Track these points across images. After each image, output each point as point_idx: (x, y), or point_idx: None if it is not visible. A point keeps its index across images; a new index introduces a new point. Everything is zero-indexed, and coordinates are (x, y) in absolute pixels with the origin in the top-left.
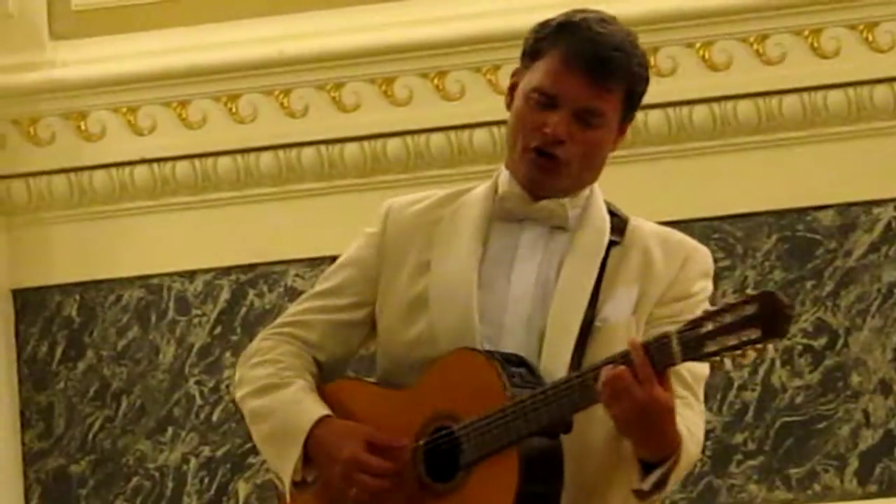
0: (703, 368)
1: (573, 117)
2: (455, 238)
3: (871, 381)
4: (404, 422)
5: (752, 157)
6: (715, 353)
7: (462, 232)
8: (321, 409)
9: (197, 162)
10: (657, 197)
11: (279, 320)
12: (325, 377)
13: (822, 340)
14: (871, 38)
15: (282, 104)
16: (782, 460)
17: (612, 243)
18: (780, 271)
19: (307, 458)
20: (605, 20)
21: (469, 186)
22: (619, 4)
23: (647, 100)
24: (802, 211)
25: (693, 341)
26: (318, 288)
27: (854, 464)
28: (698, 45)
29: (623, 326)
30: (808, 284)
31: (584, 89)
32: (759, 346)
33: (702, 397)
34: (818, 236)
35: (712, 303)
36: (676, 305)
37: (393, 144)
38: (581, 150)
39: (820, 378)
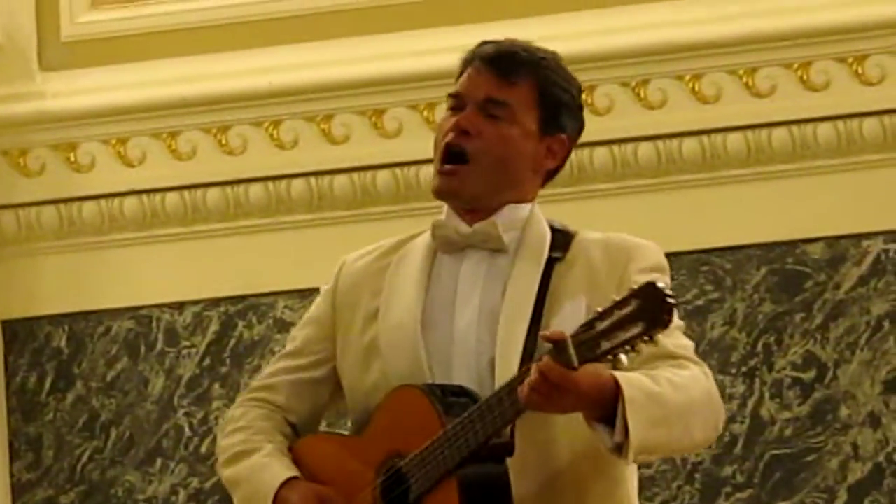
0: (684, 340)
1: (479, 111)
2: (400, 281)
3: (861, 413)
4: (362, 466)
5: (742, 189)
6: (608, 352)
7: (407, 274)
8: (285, 472)
9: (186, 193)
10: (646, 229)
11: (253, 384)
12: (300, 435)
13: (812, 373)
14: (860, 70)
15: (271, 136)
16: (771, 493)
17: (554, 260)
18: (769, 304)
19: None
20: (518, 40)
21: (418, 232)
22: (607, 38)
23: (637, 132)
24: (792, 244)
25: (587, 342)
26: (285, 349)
27: (843, 497)
28: (688, 77)
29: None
30: (798, 317)
31: (487, 81)
32: (646, 339)
33: (695, 359)
34: (807, 269)
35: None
36: None
37: (382, 176)
38: (489, 146)
39: (809, 411)
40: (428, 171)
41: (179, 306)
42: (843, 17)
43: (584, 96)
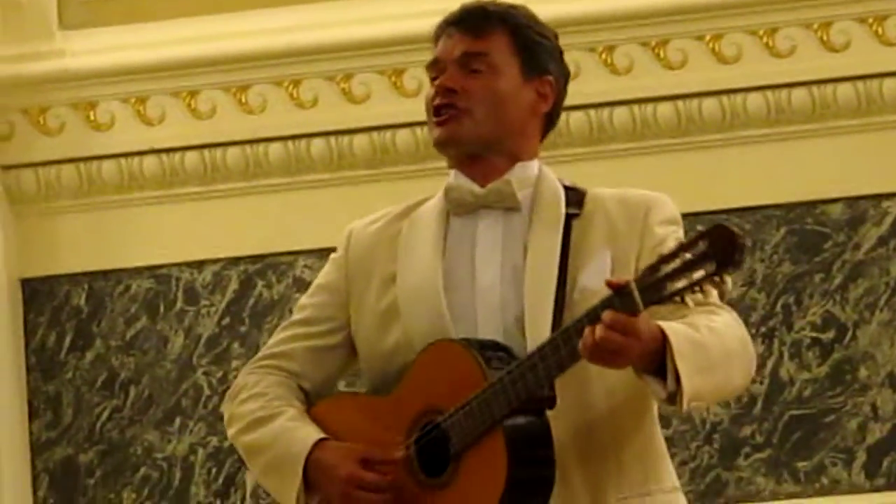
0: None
1: (459, 69)
2: (415, 245)
3: (880, 374)
4: (394, 425)
5: (761, 150)
6: (675, 293)
7: (421, 237)
8: (315, 434)
9: (206, 152)
10: (665, 189)
11: (261, 353)
12: (312, 403)
13: (831, 334)
14: (880, 31)
15: (291, 95)
16: (790, 453)
17: (571, 216)
18: (788, 264)
19: (308, 483)
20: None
21: (423, 198)
22: None
23: (657, 92)
24: (811, 204)
25: (652, 286)
26: (294, 316)
27: (862, 457)
28: (708, 37)
29: (603, 293)
30: (817, 278)
31: (459, 40)
32: (716, 279)
33: (725, 307)
34: (827, 229)
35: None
36: (659, 251)
37: (402, 136)
38: (478, 98)
39: (828, 371)
40: None
41: (199, 265)
42: None
43: (604, 56)
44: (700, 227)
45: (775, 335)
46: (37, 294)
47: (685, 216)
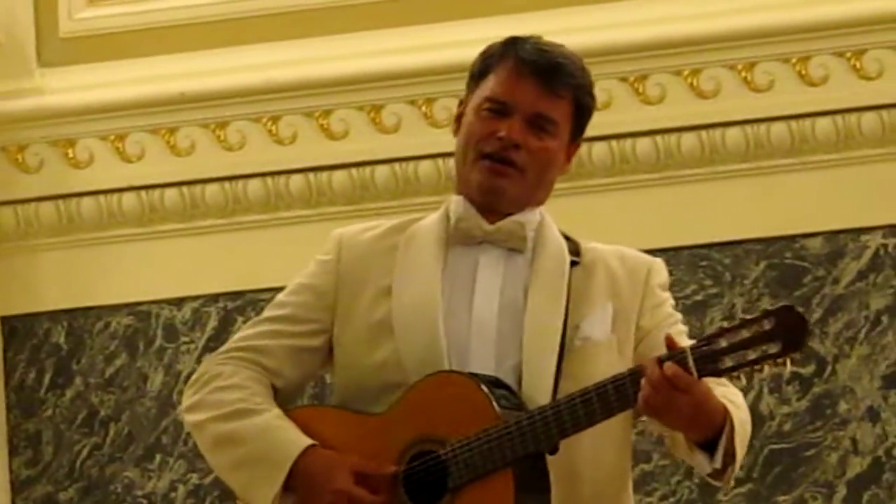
0: None
1: (526, 123)
2: (414, 264)
3: (860, 408)
4: (381, 447)
5: (740, 184)
6: (733, 369)
7: (420, 257)
8: (306, 439)
9: (185, 189)
10: (645, 224)
11: (230, 345)
12: (280, 404)
13: (811, 368)
14: (858, 65)
15: (270, 131)
16: (770, 488)
17: (573, 264)
18: (768, 298)
19: (286, 487)
20: (549, 42)
21: (416, 217)
22: (606, 32)
23: (635, 127)
24: (790, 238)
25: (709, 357)
26: (270, 313)
27: (842, 491)
28: (686, 72)
29: (605, 344)
30: None
31: (536, 94)
32: (779, 360)
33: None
34: (806, 264)
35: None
36: (658, 312)
37: (381, 172)
38: (535, 159)
39: (808, 405)
40: (427, 167)
41: (178, 302)
42: (842, 11)
43: None
44: (679, 264)
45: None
46: (16, 332)
47: (665, 251)
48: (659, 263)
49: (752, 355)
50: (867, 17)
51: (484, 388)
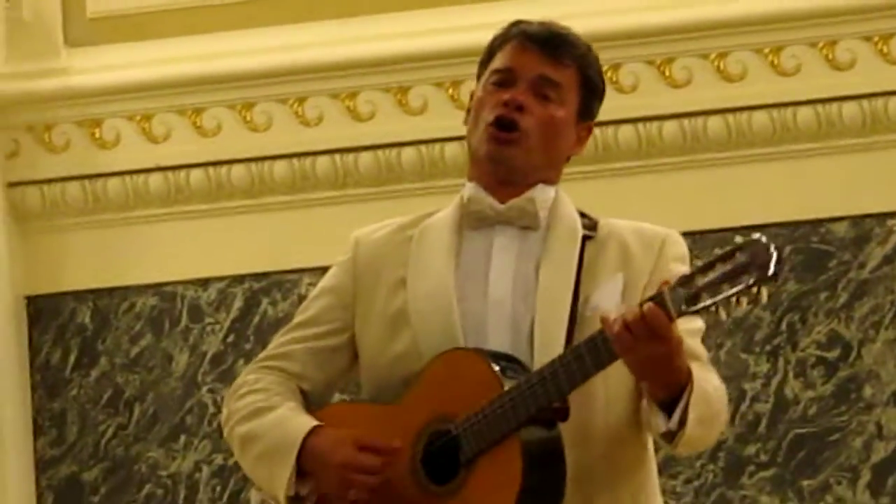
0: (703, 349)
1: (531, 89)
2: (428, 253)
3: (884, 392)
4: (400, 432)
5: (767, 168)
6: (711, 304)
7: (434, 246)
8: (311, 421)
9: (211, 170)
10: (671, 208)
11: (262, 354)
12: (310, 406)
13: (836, 352)
14: (885, 50)
15: (296, 113)
16: (795, 472)
17: (586, 238)
18: (793, 283)
19: (302, 472)
20: (553, 21)
21: (432, 210)
22: (634, 15)
23: (662, 110)
24: (816, 222)
25: (686, 296)
26: (296, 319)
27: (866, 476)
28: (713, 56)
29: (614, 313)
30: (822, 296)
31: (539, 60)
32: (753, 290)
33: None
34: (832, 248)
35: None
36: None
37: (407, 154)
38: (539, 123)
39: (833, 390)
40: (453, 149)
41: (204, 283)
42: None
43: (609, 74)
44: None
45: (780, 353)
46: (42, 311)
47: (690, 234)
48: (675, 235)
49: (727, 289)
50: (894, 1)
51: (488, 360)
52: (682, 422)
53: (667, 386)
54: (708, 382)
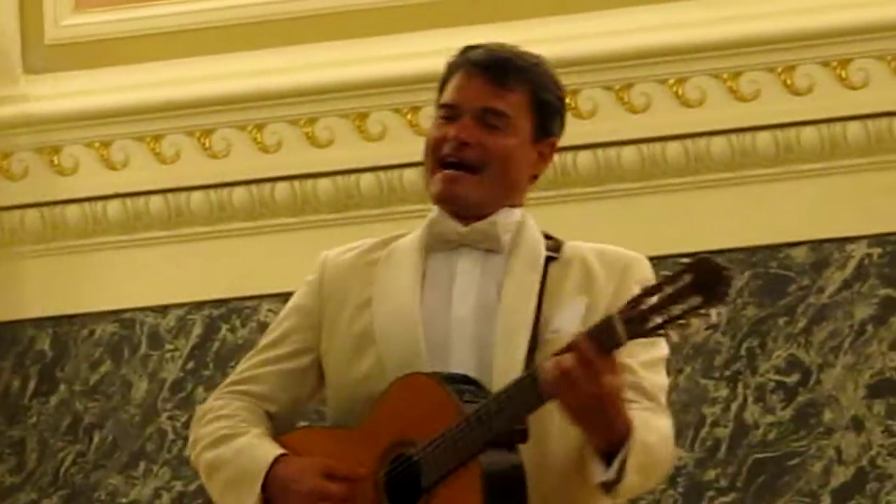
0: (662, 378)
1: (475, 121)
2: (394, 274)
3: (844, 417)
4: (361, 458)
5: (725, 193)
6: (659, 327)
7: (400, 268)
8: (277, 450)
9: (170, 196)
10: (630, 233)
11: (229, 379)
12: (277, 428)
13: (795, 377)
14: (844, 75)
15: (255, 139)
16: (755, 497)
17: (549, 259)
18: (752, 308)
19: (268, 501)
20: (503, 44)
21: (401, 232)
22: (592, 41)
23: (620, 135)
24: (775, 247)
25: (636, 318)
26: (263, 341)
27: (826, 501)
28: (672, 81)
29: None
30: (781, 321)
31: (482, 91)
32: (702, 312)
33: (665, 406)
34: (791, 273)
35: None
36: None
37: (366, 179)
38: (490, 156)
39: (792, 415)
40: (412, 175)
41: (163, 309)
42: (827, 20)
43: (567, 100)
44: (665, 272)
45: (739, 378)
46: (1, 339)
47: (650, 259)
48: (639, 260)
49: (676, 311)
50: (852, 26)
51: (445, 385)
52: (620, 473)
53: (604, 437)
54: (651, 432)
